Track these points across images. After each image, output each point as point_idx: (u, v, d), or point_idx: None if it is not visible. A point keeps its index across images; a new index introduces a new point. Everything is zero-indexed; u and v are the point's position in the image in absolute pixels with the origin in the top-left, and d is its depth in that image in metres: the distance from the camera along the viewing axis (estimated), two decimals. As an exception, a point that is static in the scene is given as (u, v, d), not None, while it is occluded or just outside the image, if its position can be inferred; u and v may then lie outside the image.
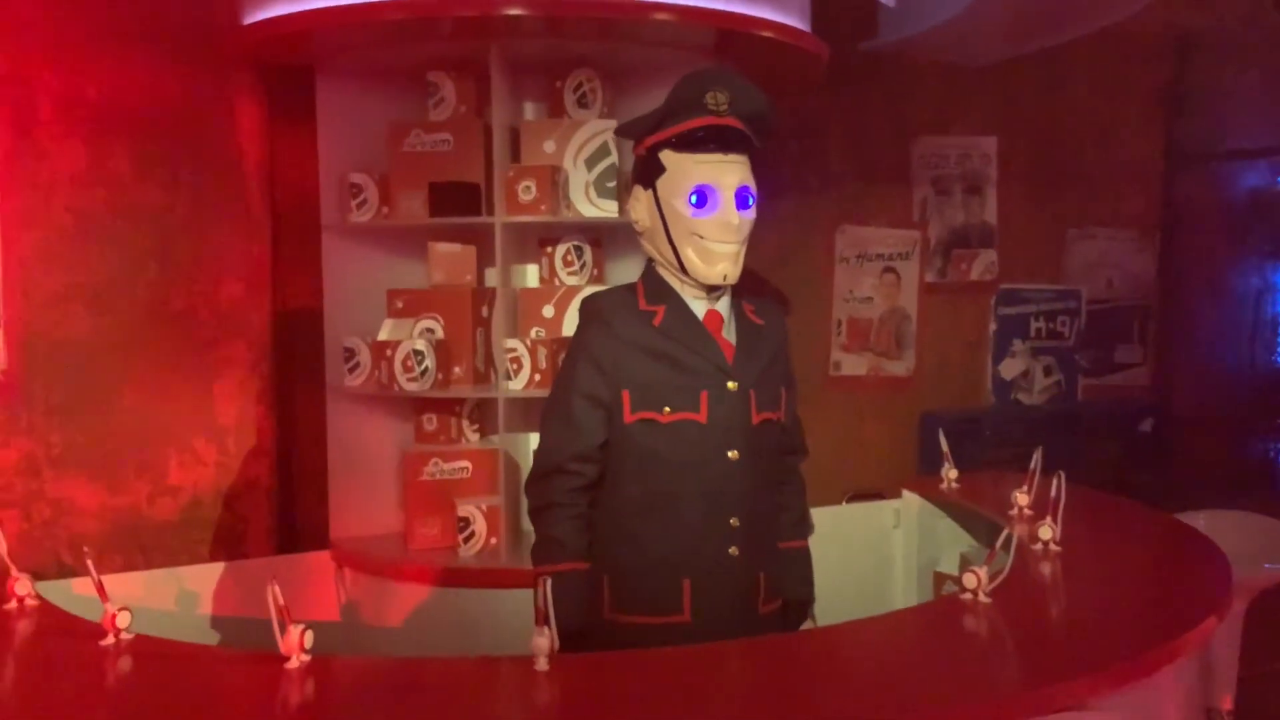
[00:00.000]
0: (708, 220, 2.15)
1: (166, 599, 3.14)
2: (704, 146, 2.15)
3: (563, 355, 2.34)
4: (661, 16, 3.14)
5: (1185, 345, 5.71)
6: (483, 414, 3.69)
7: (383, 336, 3.47)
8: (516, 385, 3.41)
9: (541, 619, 1.88)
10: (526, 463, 2.29)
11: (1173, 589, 2.45)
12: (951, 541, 3.45)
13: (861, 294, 5.12)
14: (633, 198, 2.26)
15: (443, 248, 3.58)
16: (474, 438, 3.68)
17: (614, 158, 3.47)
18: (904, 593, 3.70)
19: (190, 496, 3.77)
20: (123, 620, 2.03)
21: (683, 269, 2.20)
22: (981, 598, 2.19)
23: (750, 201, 2.19)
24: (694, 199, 2.15)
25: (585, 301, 2.31)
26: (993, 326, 5.38)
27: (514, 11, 3.06)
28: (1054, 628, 2.22)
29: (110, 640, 2.02)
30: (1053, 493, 2.58)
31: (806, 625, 2.40)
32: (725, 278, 2.18)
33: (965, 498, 3.32)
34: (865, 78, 4.86)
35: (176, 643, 2.08)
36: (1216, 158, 5.70)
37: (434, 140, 3.46)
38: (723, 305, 2.25)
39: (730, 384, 2.21)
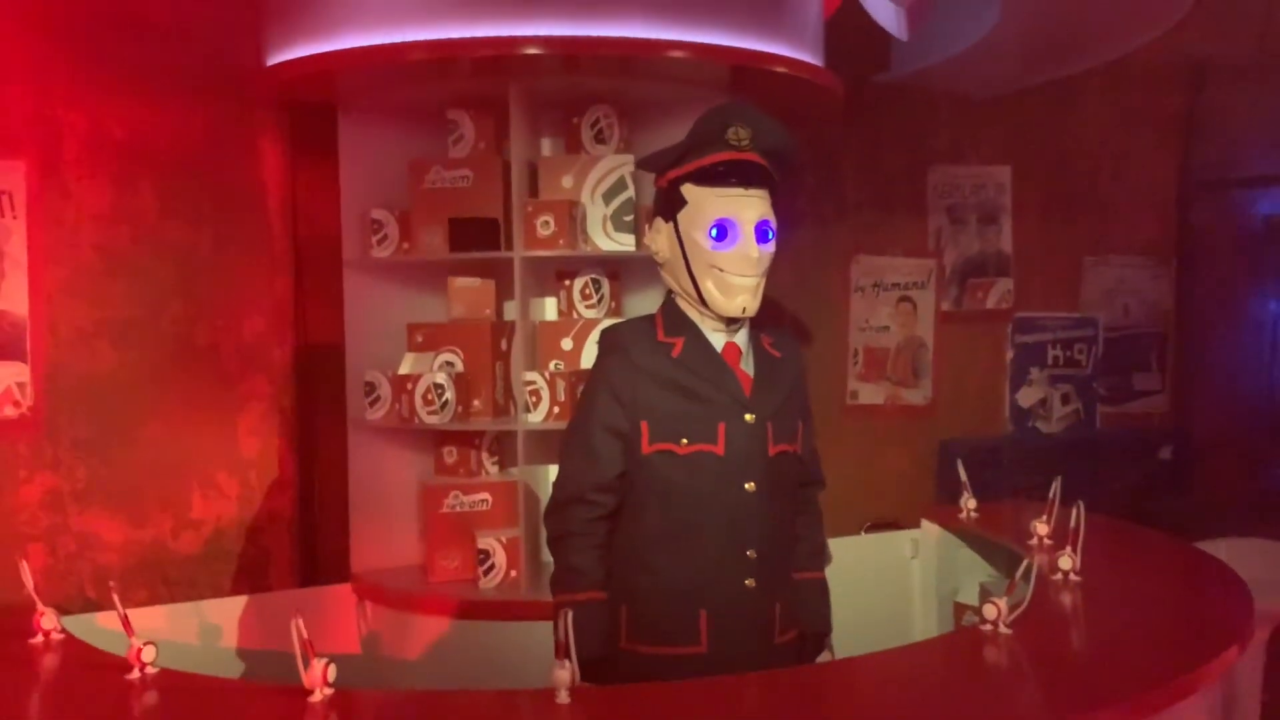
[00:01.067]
0: (728, 254, 2.18)
1: (190, 632, 3.16)
2: (725, 181, 2.18)
3: (581, 387, 2.36)
4: (677, 54, 3.17)
5: (1203, 372, 5.69)
6: (502, 446, 3.71)
7: (403, 370, 3.50)
8: (536, 418, 3.43)
9: (562, 652, 1.89)
10: (546, 494, 2.30)
11: (1194, 618, 2.44)
12: (971, 571, 3.45)
13: (878, 323, 5.13)
14: (653, 230, 2.29)
15: (462, 282, 3.61)
16: (494, 470, 3.70)
17: (631, 192, 3.51)
18: (923, 623, 3.69)
19: (213, 529, 3.80)
20: (148, 654, 2.05)
21: (702, 301, 2.22)
22: (1002, 629, 2.19)
23: (770, 235, 2.21)
24: (714, 232, 2.18)
25: (604, 333, 2.33)
26: (1010, 355, 5.37)
27: (532, 51, 3.11)
28: (1075, 659, 2.22)
29: (136, 674, 2.03)
30: (1072, 522, 2.58)
31: (824, 657, 2.40)
32: (744, 310, 2.20)
33: (984, 527, 3.32)
34: (879, 109, 4.90)
35: (201, 676, 2.10)
36: (1232, 184, 5.69)
37: (454, 177, 3.50)
38: (741, 338, 2.27)
39: (748, 416, 2.22)
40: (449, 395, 3.42)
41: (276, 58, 3.35)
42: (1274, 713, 3.43)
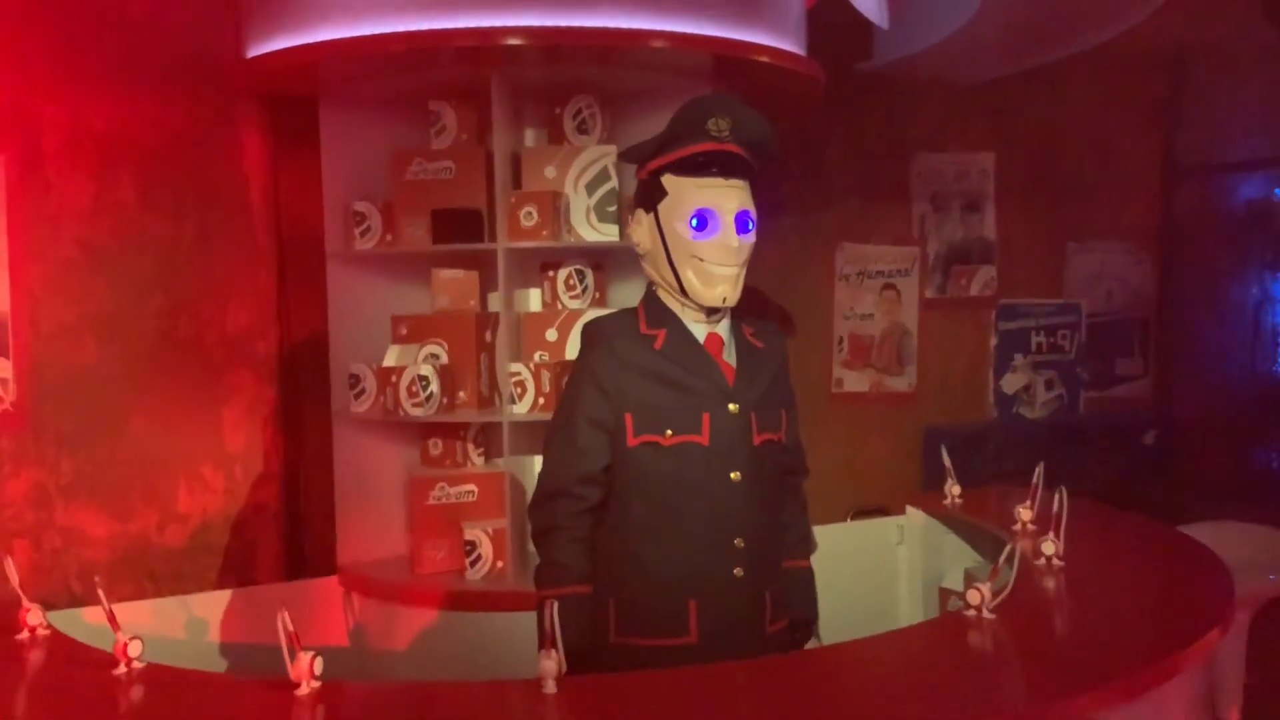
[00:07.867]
0: (708, 243, 2.18)
1: (177, 627, 3.15)
2: (705, 171, 2.19)
3: (566, 379, 2.36)
4: (658, 44, 3.17)
5: (1186, 357, 5.72)
6: (487, 438, 3.71)
7: (388, 362, 3.50)
8: (521, 409, 3.43)
9: (549, 642, 1.89)
10: (532, 486, 2.30)
11: (1176, 602, 2.46)
12: (956, 557, 3.46)
13: (862, 310, 5.15)
14: (634, 221, 2.29)
15: (446, 274, 3.61)
16: (479, 461, 3.70)
17: (614, 182, 3.50)
18: (909, 609, 3.71)
19: (199, 523, 3.79)
20: (134, 649, 2.04)
21: (683, 291, 2.22)
22: (986, 614, 2.21)
23: (750, 225, 2.22)
24: (695, 222, 2.18)
25: (587, 326, 2.33)
26: (994, 341, 5.40)
27: (514, 41, 3.10)
28: (1059, 642, 2.23)
29: (122, 669, 2.03)
30: (1055, 507, 2.60)
31: (811, 644, 2.41)
32: (724, 300, 2.21)
33: (969, 513, 3.33)
34: (863, 97, 4.90)
35: (188, 670, 2.10)
36: (1215, 170, 5.72)
37: (436, 168, 3.49)
38: (723, 328, 2.28)
39: (731, 406, 2.23)
40: (434, 387, 3.42)
41: (257, 50, 3.34)
42: (1258, 695, 3.47)
